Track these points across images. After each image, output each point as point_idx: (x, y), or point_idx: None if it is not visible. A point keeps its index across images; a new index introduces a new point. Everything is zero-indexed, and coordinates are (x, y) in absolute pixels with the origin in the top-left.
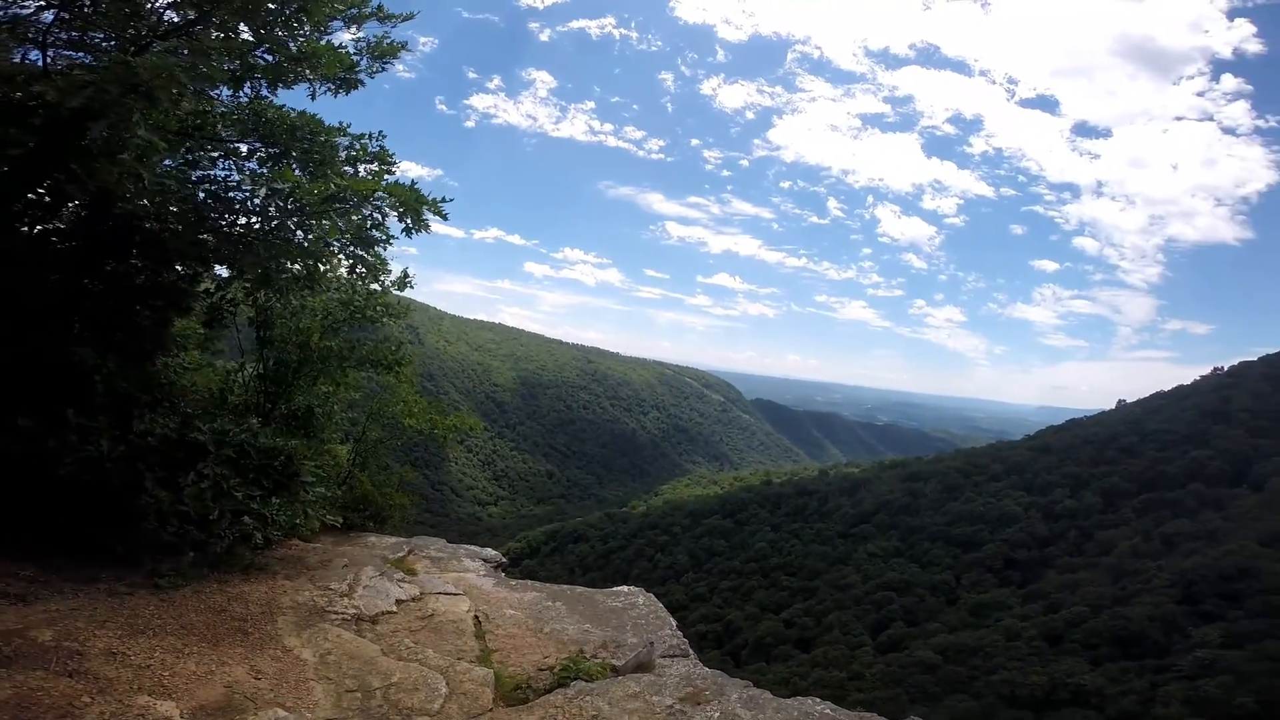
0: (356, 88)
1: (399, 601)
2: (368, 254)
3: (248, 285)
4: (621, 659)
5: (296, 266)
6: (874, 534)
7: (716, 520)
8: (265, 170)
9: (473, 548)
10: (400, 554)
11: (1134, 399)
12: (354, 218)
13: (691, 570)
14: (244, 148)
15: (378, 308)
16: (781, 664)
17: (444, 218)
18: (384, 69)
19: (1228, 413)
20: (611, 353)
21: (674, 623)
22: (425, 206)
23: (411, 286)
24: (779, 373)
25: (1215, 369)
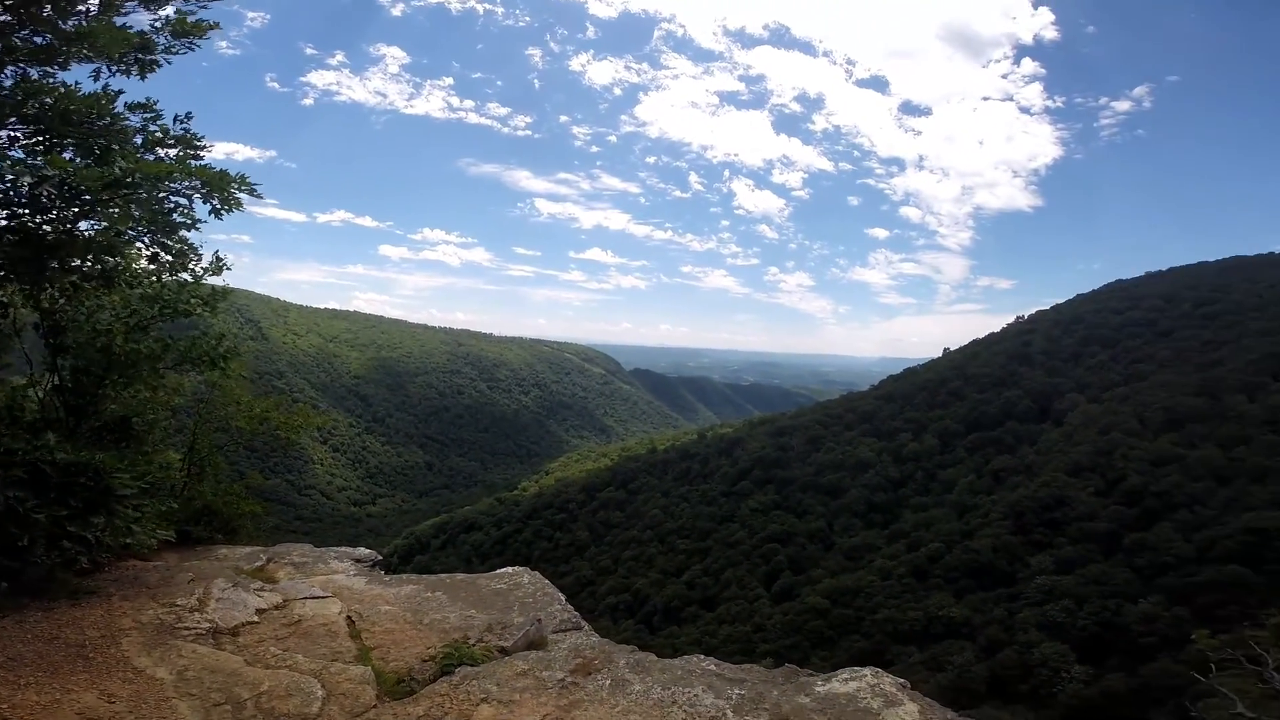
0: (154, 69)
1: (260, 611)
2: (170, 241)
3: (25, 287)
4: (509, 640)
5: (83, 262)
6: (753, 490)
7: (611, 492)
8: (35, 159)
9: (344, 549)
10: (258, 563)
11: (956, 347)
12: (151, 204)
13: (593, 545)
14: (3, 135)
15: (191, 300)
16: (692, 625)
17: (256, 195)
18: (191, 49)
19: (1029, 355)
20: (484, 334)
21: (563, 598)
22: (233, 185)
23: (229, 269)
24: (654, 342)
25: (1018, 317)
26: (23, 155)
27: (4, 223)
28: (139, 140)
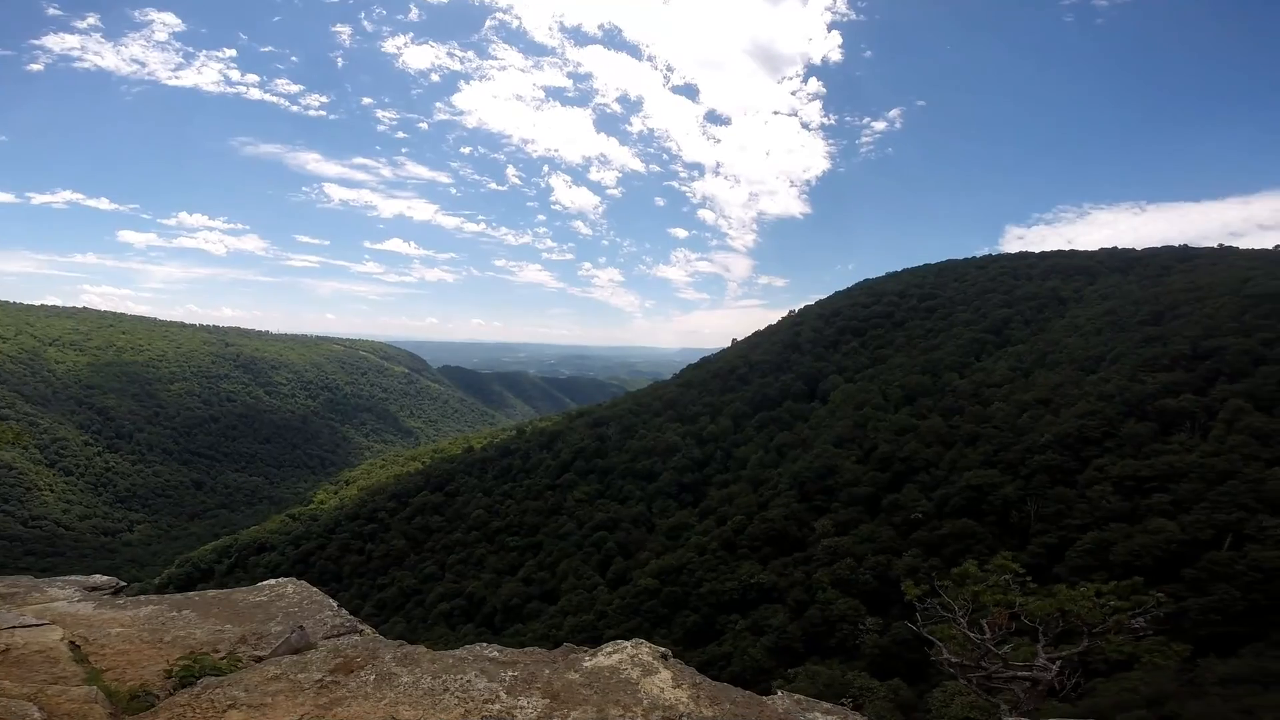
0: None
1: None
2: None
3: None
4: (266, 649)
5: None
6: (577, 481)
7: (426, 497)
8: None
9: (73, 578)
10: None
11: (742, 337)
12: None
13: (412, 553)
14: None
15: None
16: (536, 621)
17: None
18: None
19: (799, 344)
20: (257, 331)
21: (334, 605)
22: None
23: None
24: (464, 337)
25: (790, 311)
26: None
27: None
28: None
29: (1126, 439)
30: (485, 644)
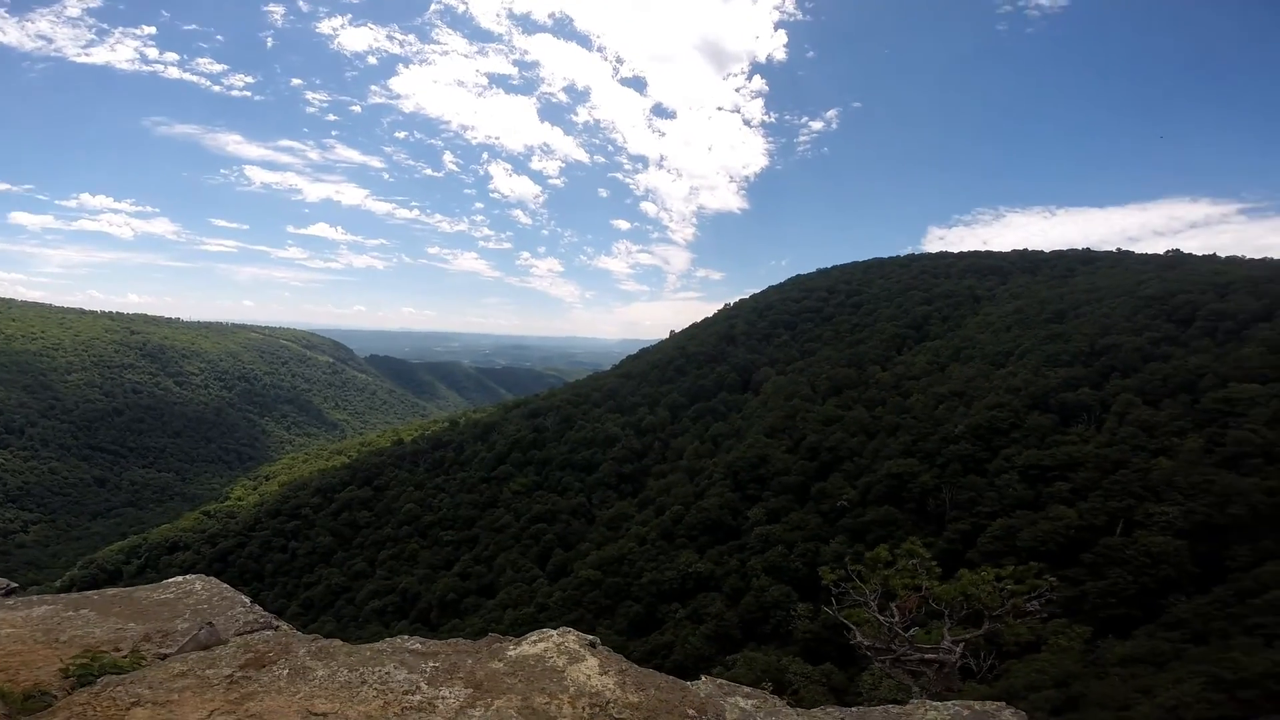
0: None
1: None
2: None
3: None
4: (172, 647)
5: None
6: (514, 473)
7: (353, 491)
8: None
9: None
10: None
11: (680, 329)
12: None
13: (340, 549)
14: None
15: None
16: (474, 616)
17: None
18: None
19: (734, 336)
20: (166, 319)
21: (247, 600)
22: None
23: None
24: (394, 326)
25: (726, 304)
26: None
27: None
28: None
29: (1031, 430)
30: (406, 636)
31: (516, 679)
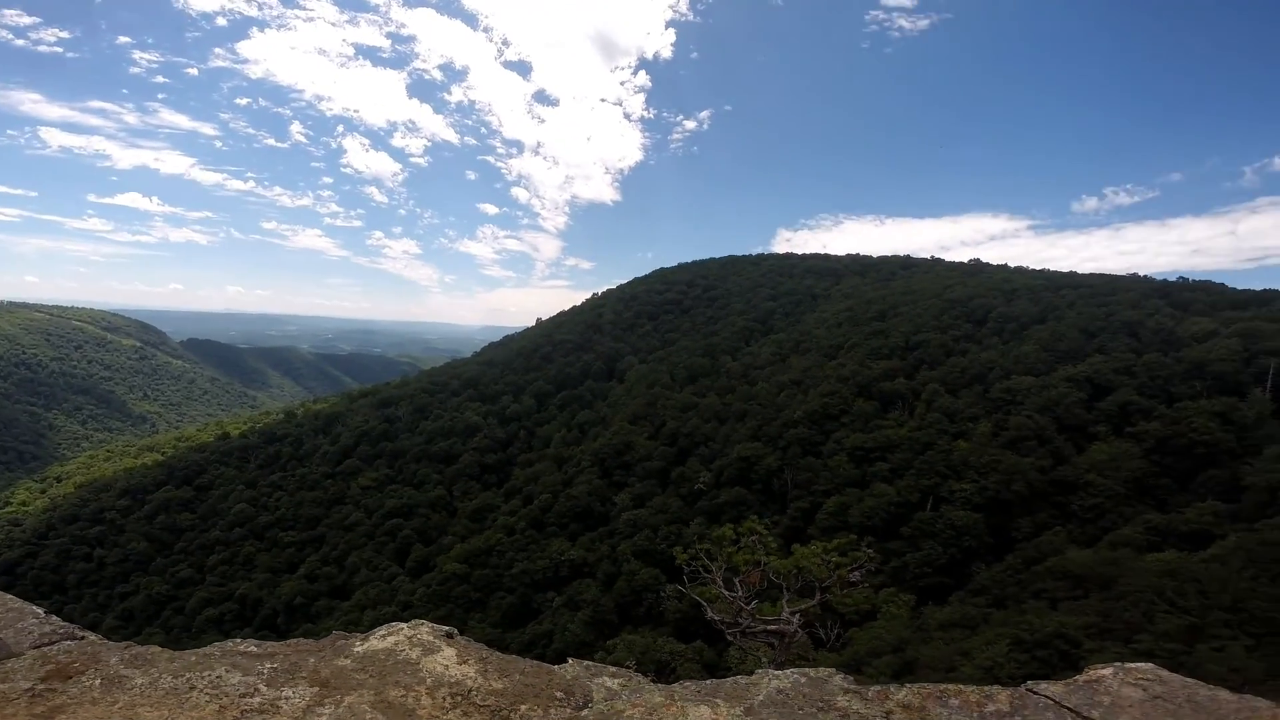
0: None
1: None
2: None
3: None
4: None
5: None
6: (362, 467)
7: (170, 492)
8: None
9: None
10: None
11: (547, 317)
12: None
13: (159, 556)
14: None
15: None
16: (329, 618)
17: None
18: None
19: (601, 325)
20: None
21: (40, 611)
22: None
23: None
24: (218, 307)
25: (594, 294)
26: None
27: None
28: None
29: (857, 415)
30: (240, 639)
31: (367, 674)
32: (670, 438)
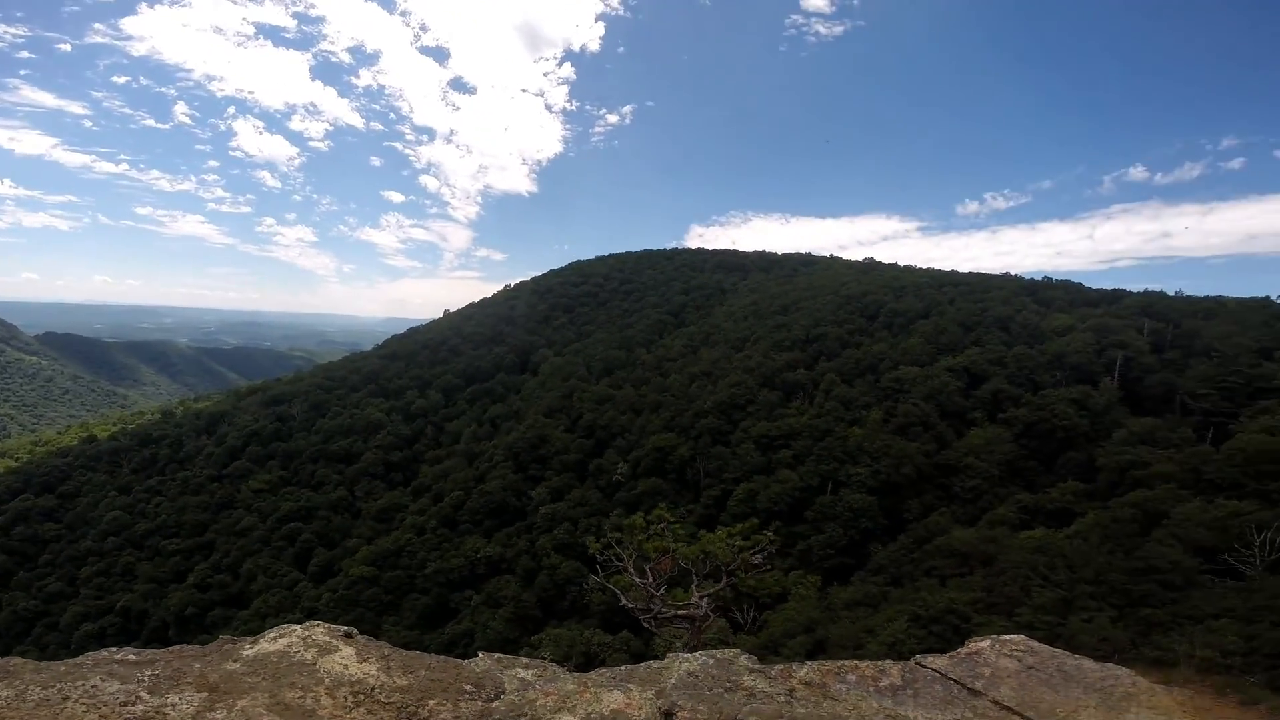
0: None
1: None
2: None
3: None
4: None
5: None
6: (253, 469)
7: (29, 501)
8: None
9: None
10: None
11: (455, 309)
12: None
13: (22, 569)
14: None
15: None
16: (226, 629)
17: None
18: None
19: (514, 318)
20: None
21: None
22: None
23: None
24: (81, 298)
25: (506, 285)
26: None
27: None
28: None
29: (762, 405)
30: (116, 649)
31: (259, 677)
32: (588, 430)
